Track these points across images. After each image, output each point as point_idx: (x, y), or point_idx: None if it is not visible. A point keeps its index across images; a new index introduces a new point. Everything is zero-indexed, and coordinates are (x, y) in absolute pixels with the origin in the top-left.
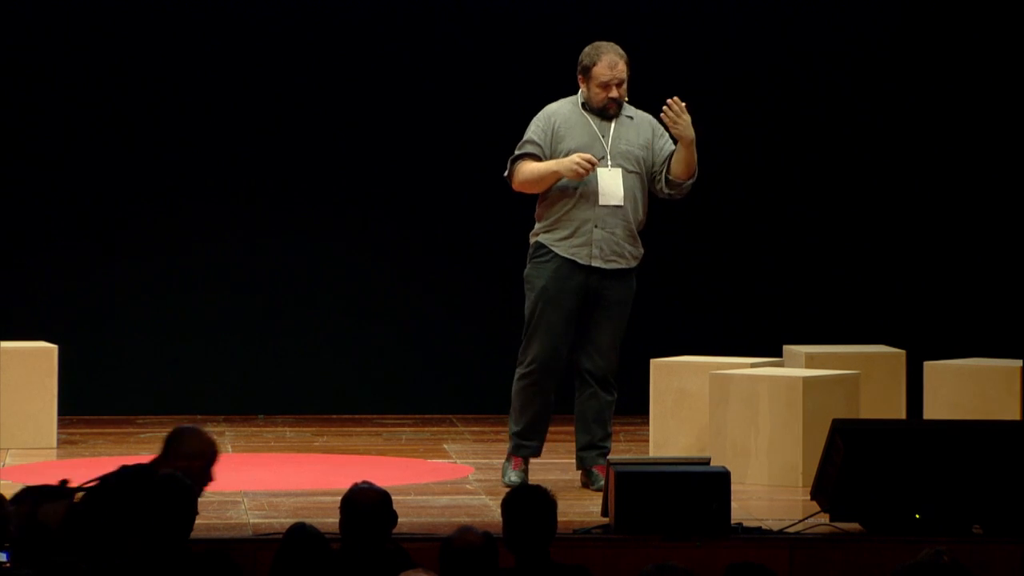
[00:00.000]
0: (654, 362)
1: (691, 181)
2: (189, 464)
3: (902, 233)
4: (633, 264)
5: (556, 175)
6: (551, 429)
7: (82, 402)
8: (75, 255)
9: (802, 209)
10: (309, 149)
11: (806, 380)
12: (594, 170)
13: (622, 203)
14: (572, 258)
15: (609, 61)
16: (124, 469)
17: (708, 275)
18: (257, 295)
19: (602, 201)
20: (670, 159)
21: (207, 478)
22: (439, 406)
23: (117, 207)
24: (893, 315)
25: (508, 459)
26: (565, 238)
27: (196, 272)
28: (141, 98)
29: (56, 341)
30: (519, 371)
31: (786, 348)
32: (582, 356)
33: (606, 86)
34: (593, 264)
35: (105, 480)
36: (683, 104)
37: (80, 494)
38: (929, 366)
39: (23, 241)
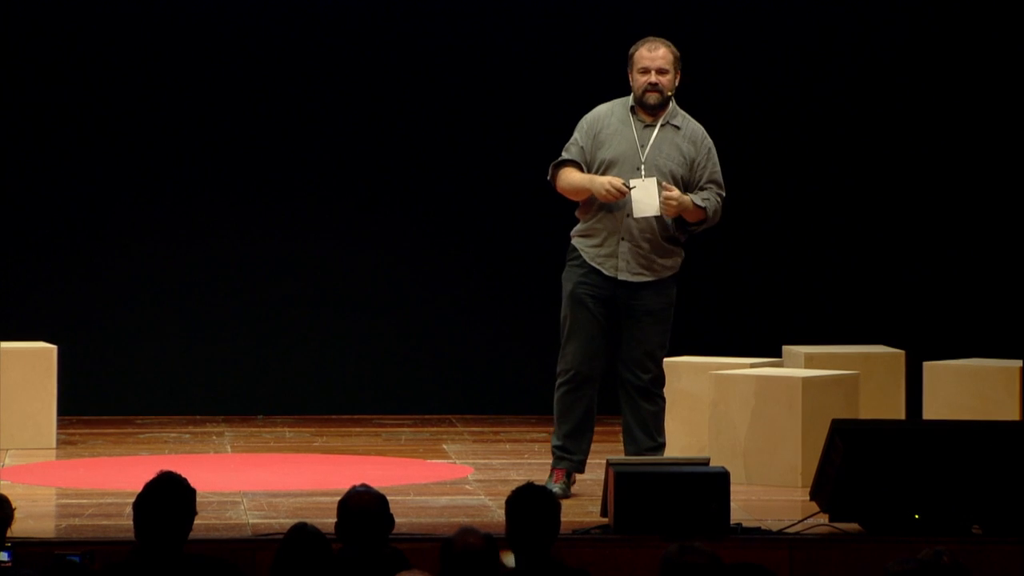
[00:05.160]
0: None
1: (703, 227)
2: None
3: (902, 233)
4: (666, 275)
5: (589, 192)
6: None
7: (82, 402)
8: (75, 255)
9: (802, 209)
10: (309, 149)
11: (806, 380)
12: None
13: (658, 213)
14: (598, 267)
15: (649, 46)
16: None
17: (708, 275)
18: (257, 295)
19: (636, 213)
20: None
21: None
22: (439, 406)
23: (116, 207)
24: (893, 315)
25: (551, 472)
26: (593, 246)
27: (196, 272)
28: (141, 98)
29: (56, 341)
30: (558, 380)
31: (786, 348)
32: (619, 367)
33: (645, 71)
34: (619, 277)
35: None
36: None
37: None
38: (929, 366)
39: (23, 241)
